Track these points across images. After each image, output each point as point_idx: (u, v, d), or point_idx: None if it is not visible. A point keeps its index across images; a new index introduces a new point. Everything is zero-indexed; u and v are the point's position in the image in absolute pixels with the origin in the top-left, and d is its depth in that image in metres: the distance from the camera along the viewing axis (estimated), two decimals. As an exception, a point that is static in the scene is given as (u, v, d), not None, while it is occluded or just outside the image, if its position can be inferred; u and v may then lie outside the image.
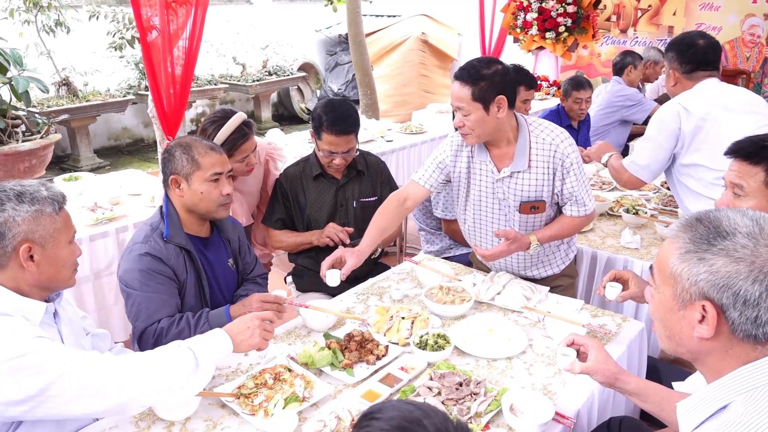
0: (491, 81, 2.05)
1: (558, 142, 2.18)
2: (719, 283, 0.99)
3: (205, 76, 8.10)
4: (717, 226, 1.02)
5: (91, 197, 3.26)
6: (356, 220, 2.68)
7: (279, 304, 2.01)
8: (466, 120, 2.10)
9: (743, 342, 1.01)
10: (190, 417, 1.60)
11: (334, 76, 9.89)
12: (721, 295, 0.99)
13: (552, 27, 6.17)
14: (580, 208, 2.24)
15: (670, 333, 1.11)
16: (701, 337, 1.03)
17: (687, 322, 1.05)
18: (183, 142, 2.06)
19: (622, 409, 1.98)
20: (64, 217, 1.55)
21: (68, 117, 6.26)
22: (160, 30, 3.99)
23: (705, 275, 1.00)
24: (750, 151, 1.62)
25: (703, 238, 1.02)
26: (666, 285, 1.08)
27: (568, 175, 2.19)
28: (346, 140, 2.51)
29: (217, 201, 2.04)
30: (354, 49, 6.89)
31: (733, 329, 1.00)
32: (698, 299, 1.02)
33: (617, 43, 7.63)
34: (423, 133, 5.15)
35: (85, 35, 6.67)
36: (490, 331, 2.01)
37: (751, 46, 6.78)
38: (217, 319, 1.99)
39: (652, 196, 3.44)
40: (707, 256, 1.00)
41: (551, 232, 2.28)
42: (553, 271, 2.45)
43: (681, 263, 1.04)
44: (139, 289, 1.93)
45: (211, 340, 1.62)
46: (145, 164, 7.15)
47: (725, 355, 1.04)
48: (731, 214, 1.04)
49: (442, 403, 1.62)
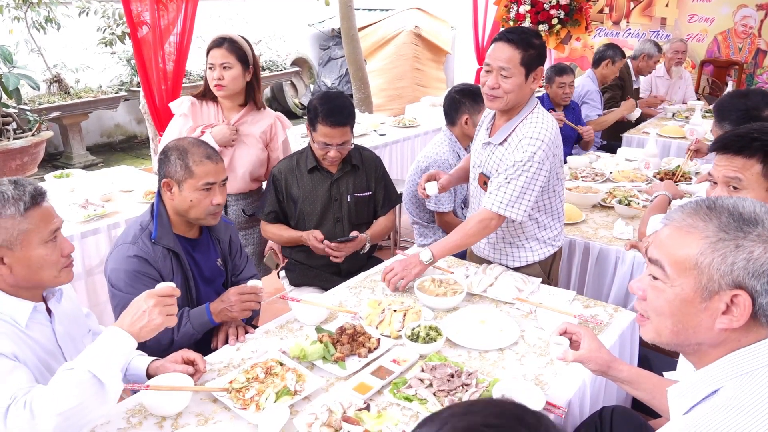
0: (539, 51, 2.13)
1: (535, 139, 2.15)
2: (757, 270, 0.97)
3: (197, 71, 8.06)
4: (740, 213, 1.01)
5: (82, 194, 3.24)
6: (350, 214, 2.68)
7: (256, 294, 2.02)
8: (504, 82, 2.12)
9: (762, 327, 1.01)
10: (181, 412, 1.60)
11: (327, 71, 9.86)
12: (757, 282, 0.97)
13: (545, 19, 6.17)
14: (498, 207, 2.20)
15: (682, 327, 1.06)
16: (724, 329, 1.01)
17: (709, 313, 1.02)
18: (181, 146, 2.01)
19: (614, 398, 1.99)
20: (33, 216, 1.48)
21: (60, 114, 6.22)
22: (150, 26, 3.99)
23: (743, 263, 0.98)
24: (742, 145, 1.64)
25: (732, 226, 1.00)
26: (686, 277, 1.04)
27: (509, 171, 2.18)
28: (342, 132, 2.50)
29: (207, 210, 2.02)
30: (347, 43, 6.86)
31: (756, 316, 1.00)
32: (728, 288, 0.99)
33: (610, 35, 7.63)
34: (416, 126, 5.14)
35: (75, 31, 6.63)
36: (482, 323, 2.01)
37: (744, 36, 6.79)
38: (198, 317, 1.99)
39: (645, 187, 3.45)
40: (745, 243, 0.98)
41: (446, 241, 2.29)
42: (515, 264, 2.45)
43: (713, 252, 1.00)
44: (125, 290, 1.92)
45: (105, 347, 1.43)
46: (138, 161, 7.13)
47: (737, 344, 1.03)
48: (737, 201, 1.03)
49: (434, 395, 1.62)
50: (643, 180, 3.58)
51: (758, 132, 1.63)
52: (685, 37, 6.98)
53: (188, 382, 1.65)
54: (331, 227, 2.65)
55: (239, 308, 1.98)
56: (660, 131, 4.79)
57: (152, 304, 1.50)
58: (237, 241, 2.31)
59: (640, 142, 4.66)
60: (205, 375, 1.76)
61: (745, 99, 2.30)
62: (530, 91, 2.20)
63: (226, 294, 2.02)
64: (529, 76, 2.14)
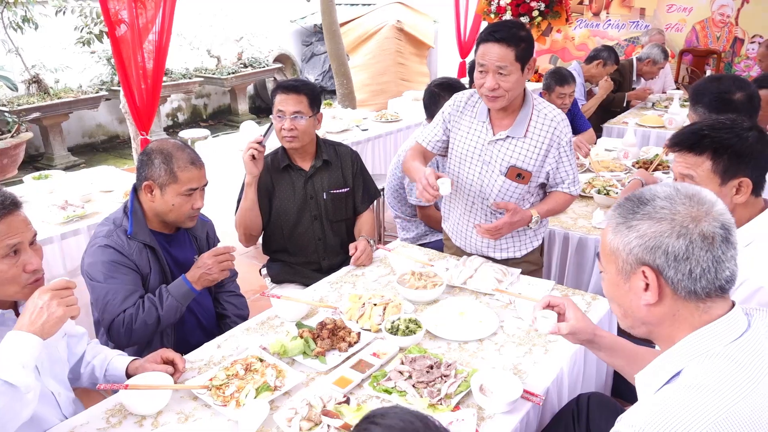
0: (528, 42, 2.14)
1: (559, 120, 2.28)
2: (649, 245, 1.06)
3: (179, 69, 8.01)
4: (639, 197, 1.11)
5: (61, 195, 3.22)
6: (327, 211, 2.67)
7: (230, 254, 2.06)
8: (503, 81, 2.13)
9: (687, 301, 1.07)
10: (161, 411, 1.60)
11: (310, 67, 9.83)
12: (654, 256, 1.06)
13: (526, 11, 6.20)
14: (577, 187, 2.39)
15: (624, 309, 1.16)
16: (648, 304, 1.09)
17: (634, 293, 1.11)
18: (165, 149, 2.00)
19: (592, 386, 2.01)
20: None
21: (40, 115, 6.16)
22: (128, 24, 3.95)
23: (636, 240, 1.07)
24: (692, 142, 1.66)
25: (629, 210, 1.11)
26: (609, 263, 1.15)
27: (565, 155, 2.31)
28: (295, 100, 2.48)
29: (187, 214, 2.04)
30: (329, 38, 6.85)
31: (675, 289, 1.06)
32: (637, 266, 1.08)
33: (590, 26, 7.68)
34: (398, 121, 5.14)
35: (53, 31, 6.56)
36: (462, 314, 2.03)
37: (721, 26, 6.86)
38: (177, 288, 2.00)
39: (624, 176, 3.49)
40: (633, 223, 1.09)
41: (548, 207, 2.39)
42: (515, 254, 2.48)
43: (615, 236, 1.12)
44: (104, 281, 1.92)
45: (7, 352, 1.37)
46: (120, 161, 7.07)
47: (674, 320, 1.09)
48: (654, 186, 1.12)
49: (413, 386, 1.64)
50: (622, 170, 3.62)
51: (709, 129, 1.65)
52: (664, 27, 7.04)
53: (168, 380, 1.66)
54: (308, 225, 2.65)
55: (218, 269, 2.02)
56: (639, 121, 4.84)
57: (48, 298, 1.43)
58: (214, 237, 2.31)
59: (620, 132, 4.71)
60: (185, 373, 1.76)
61: (718, 83, 2.34)
62: (525, 81, 2.22)
63: (201, 259, 2.04)
64: (525, 69, 2.15)
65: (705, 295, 1.06)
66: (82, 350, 1.84)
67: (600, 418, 1.66)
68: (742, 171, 1.61)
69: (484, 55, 2.12)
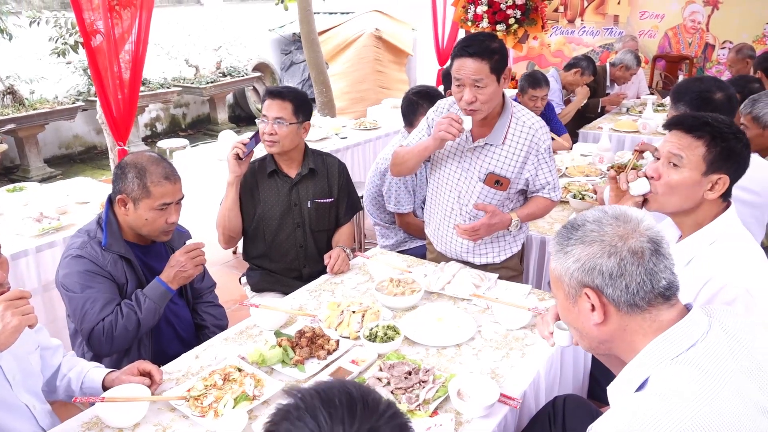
0: (501, 53, 2.17)
1: (537, 127, 2.32)
2: (585, 267, 1.11)
3: (157, 79, 7.96)
4: (572, 224, 1.17)
5: (37, 207, 3.18)
6: (310, 220, 2.68)
7: (200, 249, 2.07)
8: (480, 94, 2.16)
9: (632, 314, 1.11)
10: (139, 423, 1.59)
11: (289, 75, 9.83)
12: (592, 277, 1.10)
13: (502, 19, 6.25)
14: (557, 192, 2.45)
15: (580, 332, 1.20)
16: (597, 324, 1.13)
17: (584, 315, 1.15)
18: (139, 163, 1.99)
19: (568, 388, 2.04)
20: None
21: (14, 126, 6.08)
22: (104, 34, 3.93)
23: (574, 265, 1.12)
24: (693, 125, 1.67)
25: (564, 237, 1.17)
26: (557, 289, 1.20)
27: (544, 162, 2.37)
28: (279, 106, 2.50)
29: (161, 228, 2.03)
30: (307, 47, 6.86)
31: (617, 305, 1.11)
32: (580, 288, 1.13)
33: (566, 33, 7.80)
34: (377, 128, 5.17)
35: (28, 42, 6.48)
36: (440, 320, 2.04)
37: (693, 32, 7.01)
38: (153, 290, 2.00)
39: (599, 181, 3.54)
40: (568, 249, 1.14)
41: (529, 211, 2.44)
42: (494, 260, 2.51)
43: (556, 263, 1.17)
44: (81, 291, 1.91)
45: None
46: (98, 172, 7.00)
47: (625, 333, 1.13)
48: (585, 212, 1.18)
49: (392, 393, 1.65)
50: (598, 174, 3.67)
51: (713, 119, 1.67)
52: (638, 33, 7.17)
53: (145, 392, 1.65)
54: (290, 232, 2.66)
55: (192, 265, 2.04)
56: (614, 126, 4.92)
57: (2, 309, 1.41)
58: None
59: (596, 137, 4.77)
60: (163, 384, 1.75)
61: (699, 83, 2.42)
62: (502, 91, 2.26)
63: (173, 258, 2.04)
64: (500, 79, 2.19)
65: (647, 305, 1.10)
66: (57, 362, 1.82)
67: (575, 420, 1.68)
68: (725, 168, 1.62)
69: (460, 70, 2.16)
